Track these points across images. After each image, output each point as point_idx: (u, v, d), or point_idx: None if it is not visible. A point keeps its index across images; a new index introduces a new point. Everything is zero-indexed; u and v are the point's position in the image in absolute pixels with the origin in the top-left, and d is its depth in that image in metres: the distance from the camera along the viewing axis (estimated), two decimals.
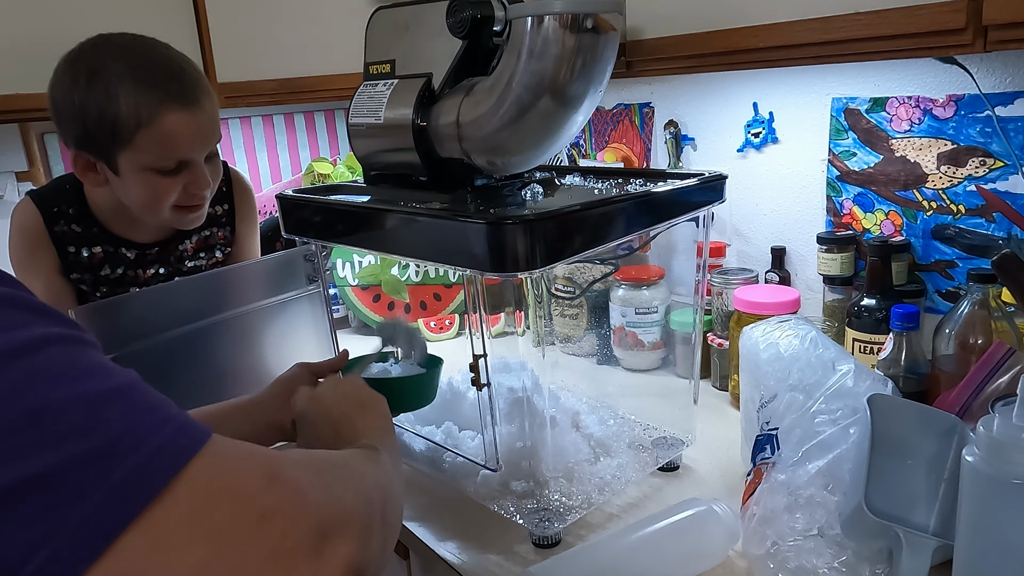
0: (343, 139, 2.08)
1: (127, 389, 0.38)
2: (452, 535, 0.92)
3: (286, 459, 0.44)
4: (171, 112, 1.01)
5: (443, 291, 1.66)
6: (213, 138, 1.09)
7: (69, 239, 1.17)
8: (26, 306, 0.38)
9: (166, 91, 1.01)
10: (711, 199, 0.94)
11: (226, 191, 1.29)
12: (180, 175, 1.07)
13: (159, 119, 1.00)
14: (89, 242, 1.18)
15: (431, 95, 0.90)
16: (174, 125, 1.02)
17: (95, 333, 0.96)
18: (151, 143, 1.01)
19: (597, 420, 1.04)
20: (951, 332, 0.91)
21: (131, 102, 0.99)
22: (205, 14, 1.44)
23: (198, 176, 1.08)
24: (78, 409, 0.36)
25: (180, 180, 1.07)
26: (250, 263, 1.28)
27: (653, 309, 1.27)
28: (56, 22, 1.13)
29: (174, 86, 1.02)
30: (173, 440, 0.38)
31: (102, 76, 0.99)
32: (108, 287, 1.21)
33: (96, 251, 1.19)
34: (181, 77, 1.03)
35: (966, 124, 1.05)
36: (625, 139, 1.54)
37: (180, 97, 1.02)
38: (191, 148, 1.05)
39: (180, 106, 1.02)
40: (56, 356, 0.37)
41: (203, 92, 1.06)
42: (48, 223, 1.16)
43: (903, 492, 0.76)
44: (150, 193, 1.07)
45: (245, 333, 1.15)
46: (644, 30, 0.98)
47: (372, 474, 0.55)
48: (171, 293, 1.12)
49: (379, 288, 1.65)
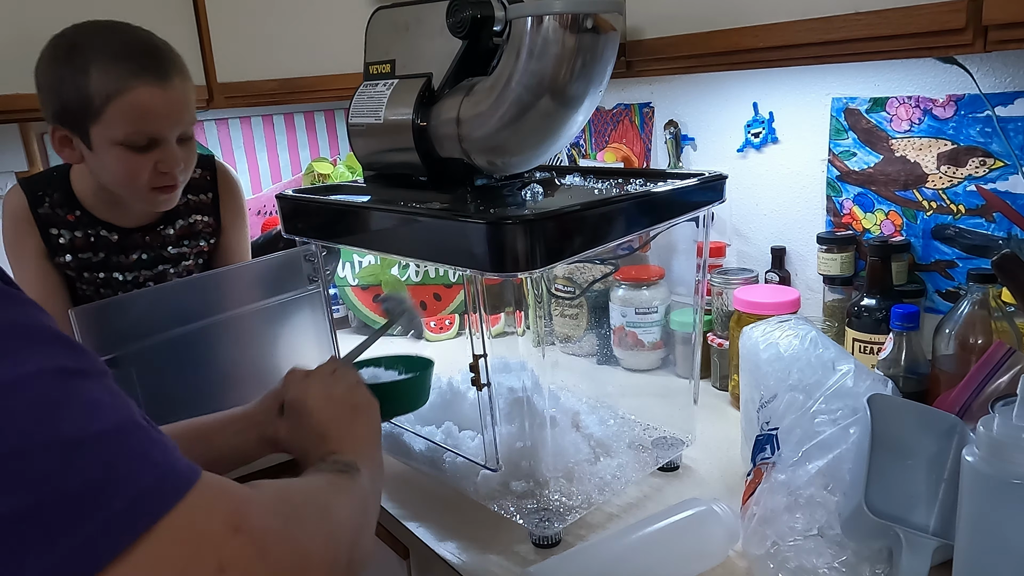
0: (343, 139, 2.08)
1: (114, 432, 0.38)
2: (452, 535, 0.92)
3: (256, 506, 0.44)
4: (141, 85, 1.03)
5: (443, 291, 1.66)
6: (184, 117, 1.10)
7: (52, 221, 1.20)
8: (26, 334, 0.38)
9: (138, 64, 1.03)
10: (711, 199, 0.94)
11: (210, 179, 1.31)
12: (151, 152, 1.08)
13: (129, 92, 1.02)
14: (72, 225, 1.21)
15: (431, 95, 0.90)
16: (143, 98, 1.03)
17: (95, 333, 0.96)
18: (121, 116, 1.03)
19: (597, 420, 1.04)
20: (951, 332, 0.91)
21: (102, 75, 1.01)
22: (205, 14, 1.44)
23: (168, 154, 1.09)
24: (57, 453, 0.35)
25: (151, 157, 1.09)
26: (250, 263, 1.28)
27: (653, 309, 1.27)
28: (57, 22, 1.13)
29: (146, 60, 1.04)
30: (149, 491, 0.38)
31: (79, 51, 1.03)
32: (91, 271, 1.23)
33: (78, 235, 1.21)
34: (155, 54, 1.06)
35: (966, 124, 1.05)
36: (625, 139, 1.54)
37: (151, 71, 1.04)
38: (160, 124, 1.07)
39: (150, 80, 1.03)
40: (45, 393, 0.36)
41: (176, 71, 1.08)
42: (32, 206, 1.19)
43: (903, 492, 0.76)
44: (122, 169, 1.09)
45: (245, 333, 1.15)
46: (644, 30, 0.98)
47: (345, 511, 0.55)
48: (171, 293, 1.12)
49: (379, 288, 1.65)
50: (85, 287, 1.25)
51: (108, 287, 1.26)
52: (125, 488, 0.37)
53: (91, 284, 1.25)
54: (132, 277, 1.26)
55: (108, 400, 0.39)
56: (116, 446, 0.38)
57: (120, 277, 1.25)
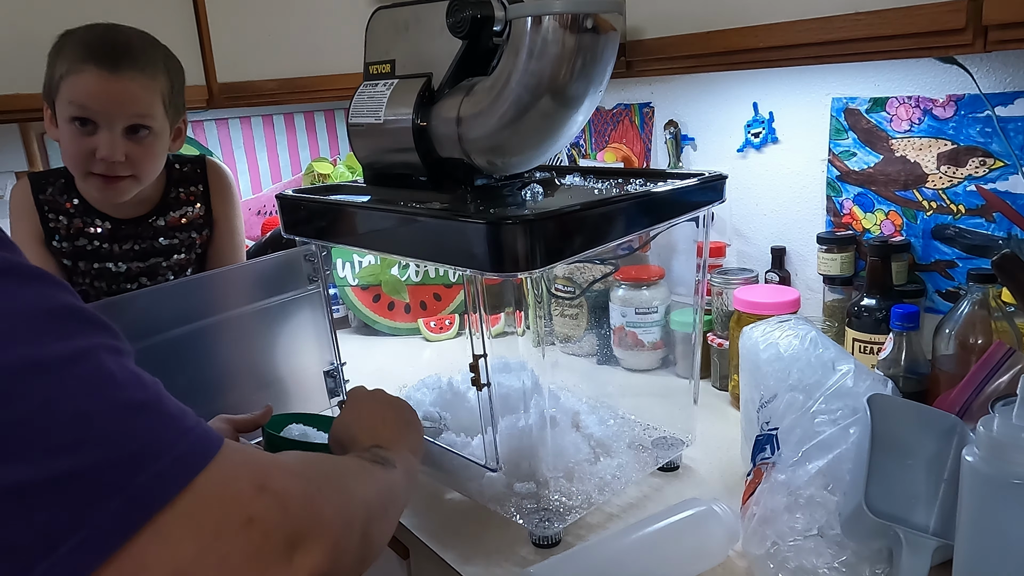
0: (343, 139, 2.08)
1: (155, 400, 0.43)
2: (452, 535, 0.92)
3: (280, 467, 0.48)
4: (87, 68, 1.09)
5: (443, 291, 1.66)
6: (128, 108, 1.13)
7: (51, 207, 1.26)
8: (81, 317, 0.43)
9: (93, 52, 1.10)
10: (711, 199, 0.94)
11: (200, 172, 1.35)
12: (95, 136, 1.12)
13: (76, 73, 1.10)
14: (69, 213, 1.26)
15: (431, 95, 0.90)
16: (87, 80, 1.09)
17: None
18: (68, 93, 1.11)
19: (597, 420, 1.04)
20: (951, 332, 0.91)
21: (66, 56, 1.11)
22: (205, 14, 1.44)
23: (103, 141, 1.13)
24: (115, 417, 0.40)
25: (92, 141, 1.13)
26: (250, 263, 1.28)
27: (653, 309, 1.27)
28: (57, 22, 1.13)
29: (104, 50, 1.10)
30: (190, 451, 0.42)
31: (68, 36, 1.13)
32: (85, 260, 1.28)
33: (75, 221, 1.26)
34: (116, 47, 1.11)
35: (966, 124, 1.05)
36: (625, 139, 1.54)
37: (103, 59, 1.10)
38: (100, 108, 1.11)
39: (98, 65, 1.09)
40: (102, 365, 0.41)
41: (133, 67, 1.12)
42: (35, 192, 1.26)
43: (903, 492, 0.76)
44: (68, 147, 1.15)
45: (245, 333, 1.15)
46: (644, 30, 0.98)
47: (364, 490, 0.56)
48: (171, 293, 1.12)
49: (379, 288, 1.65)
50: (80, 279, 1.29)
51: (101, 279, 1.29)
52: (168, 450, 0.41)
53: (86, 275, 1.28)
54: (124, 268, 1.29)
55: (143, 374, 0.44)
56: (158, 414, 0.42)
57: (112, 267, 1.29)
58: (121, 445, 0.40)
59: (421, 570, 1.00)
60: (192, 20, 1.44)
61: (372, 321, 1.66)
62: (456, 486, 0.98)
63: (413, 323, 1.64)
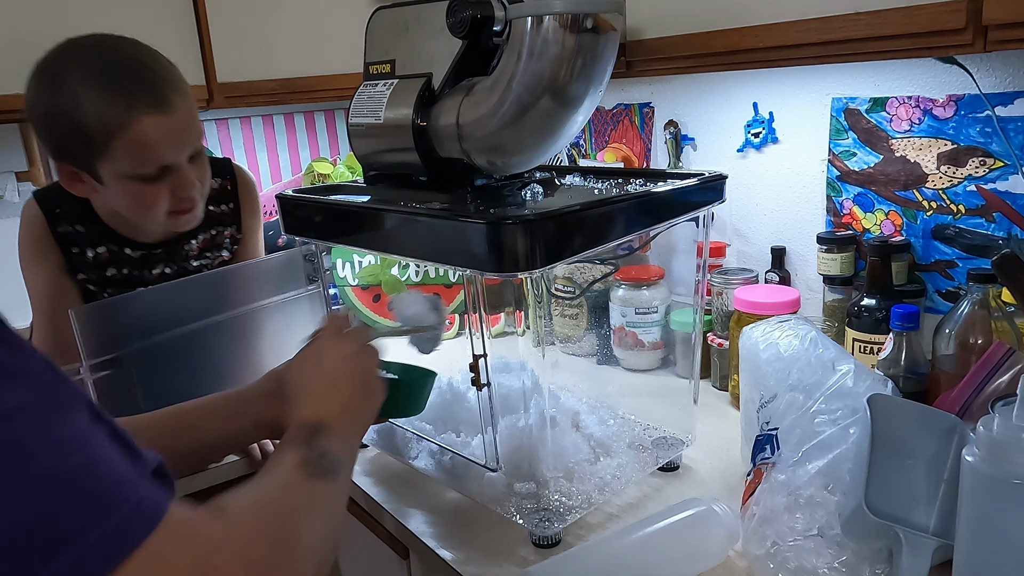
0: (343, 139, 2.08)
1: (83, 469, 0.37)
2: (452, 535, 0.92)
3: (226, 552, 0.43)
4: (141, 117, 0.96)
5: (443, 291, 1.66)
6: (192, 137, 1.05)
7: (73, 239, 1.15)
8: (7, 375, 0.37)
9: (133, 95, 0.96)
10: (711, 199, 0.94)
11: (231, 189, 1.28)
12: (165, 180, 1.03)
13: (130, 126, 0.96)
14: (94, 242, 1.16)
15: (431, 95, 0.90)
16: (147, 130, 0.97)
17: (95, 333, 0.96)
18: (127, 152, 0.98)
19: (597, 420, 1.04)
20: (951, 332, 0.91)
21: (97, 110, 0.95)
22: (205, 14, 1.44)
23: (183, 179, 1.04)
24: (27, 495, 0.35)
25: (165, 186, 1.04)
26: (250, 263, 1.28)
27: (653, 309, 1.27)
28: (56, 22, 1.13)
29: (141, 89, 0.97)
30: (116, 533, 0.37)
31: (66, 83, 0.96)
32: (115, 288, 1.20)
33: (101, 251, 1.17)
34: (147, 77, 0.98)
35: (966, 124, 1.05)
36: (625, 139, 1.54)
37: (148, 100, 0.97)
38: (169, 152, 1.01)
39: (150, 110, 0.97)
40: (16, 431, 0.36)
41: (172, 89, 1.00)
42: (51, 224, 1.14)
43: (903, 492, 0.76)
44: (137, 202, 1.04)
45: (245, 333, 1.15)
46: (644, 30, 0.98)
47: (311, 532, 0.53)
48: (171, 293, 1.12)
49: (379, 288, 1.65)
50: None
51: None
52: (88, 532, 0.36)
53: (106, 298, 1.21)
54: None
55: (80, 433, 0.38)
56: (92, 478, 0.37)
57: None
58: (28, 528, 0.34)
59: (421, 570, 1.00)
60: (192, 20, 1.44)
61: (372, 321, 1.66)
62: (456, 486, 0.98)
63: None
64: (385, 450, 1.09)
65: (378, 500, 1.02)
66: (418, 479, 1.04)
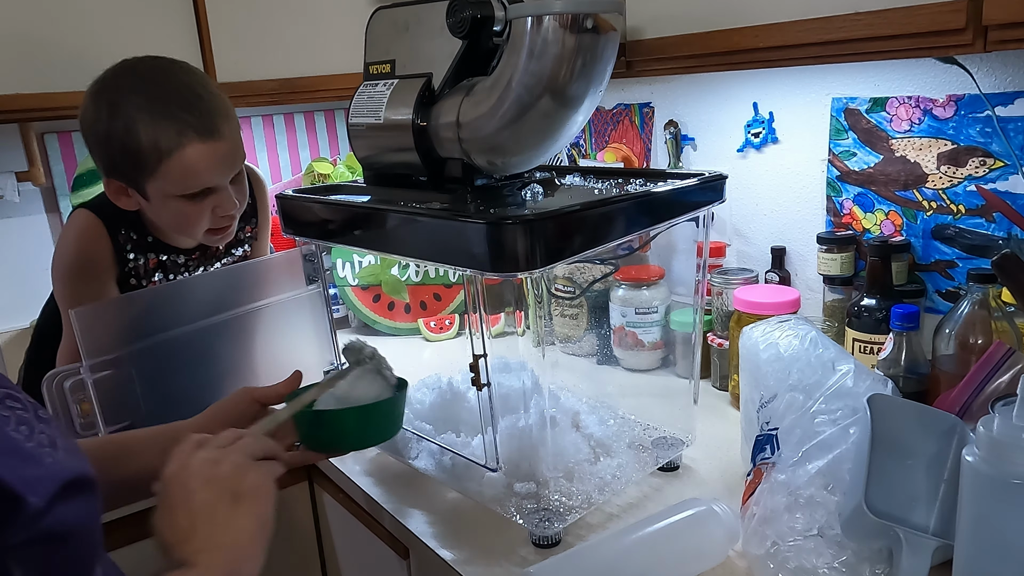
0: (343, 139, 2.08)
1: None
2: (452, 535, 0.92)
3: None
4: (191, 144, 1.02)
5: (443, 291, 1.66)
6: (236, 162, 1.10)
7: (129, 245, 1.18)
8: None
9: (185, 122, 1.02)
10: (711, 199, 0.94)
11: (249, 187, 1.29)
12: (207, 199, 1.09)
13: (180, 152, 1.02)
14: (145, 249, 1.20)
15: (431, 95, 0.90)
16: (195, 157, 1.03)
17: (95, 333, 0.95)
18: (174, 174, 1.03)
19: (597, 420, 1.04)
20: (951, 332, 0.91)
21: (150, 135, 1.01)
22: (205, 14, 1.44)
23: (225, 200, 1.10)
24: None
25: (208, 204, 1.09)
26: (250, 263, 1.28)
27: (653, 309, 1.27)
28: (56, 22, 1.13)
29: (192, 117, 1.02)
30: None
31: (122, 108, 1.01)
32: None
33: (151, 257, 1.21)
34: (198, 106, 1.04)
35: (966, 124, 1.05)
36: (625, 139, 1.54)
37: (199, 128, 1.03)
38: (215, 176, 1.07)
39: (200, 137, 1.03)
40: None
41: (222, 119, 1.06)
42: (111, 230, 1.16)
43: (903, 492, 0.76)
44: (180, 219, 1.10)
45: (245, 333, 1.15)
46: (644, 30, 0.98)
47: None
48: (171, 293, 1.12)
49: (379, 288, 1.65)
50: None
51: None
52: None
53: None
54: None
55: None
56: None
57: None
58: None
59: (421, 570, 1.00)
60: (192, 20, 1.44)
61: (372, 321, 1.66)
62: (456, 486, 0.98)
63: (413, 323, 1.64)
64: (385, 450, 1.09)
65: (378, 500, 1.02)
66: (418, 479, 1.04)
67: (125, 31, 1.12)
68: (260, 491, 0.65)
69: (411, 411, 1.07)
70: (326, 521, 1.30)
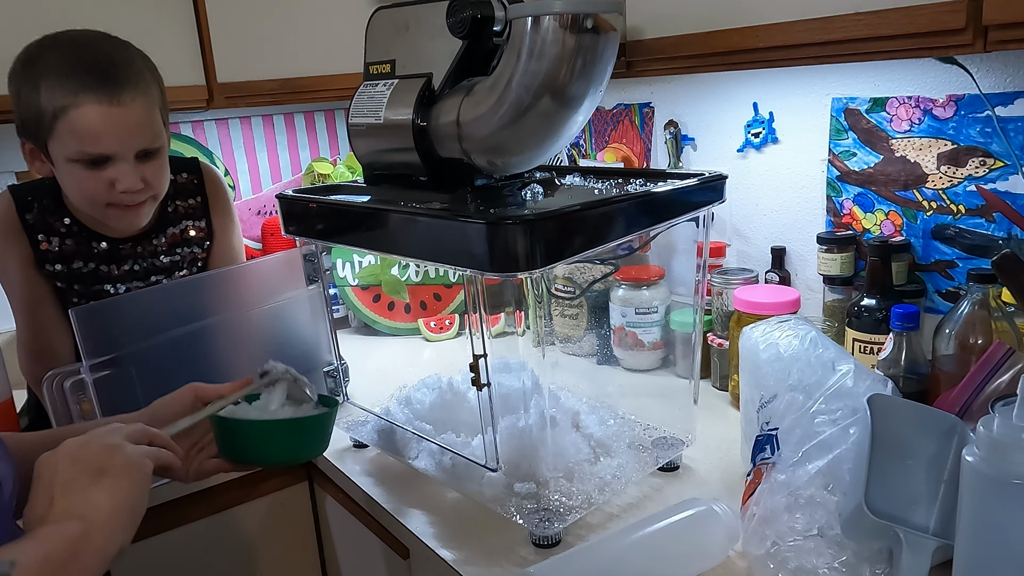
0: (343, 139, 2.08)
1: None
2: (452, 535, 0.92)
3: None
4: (86, 104, 1.00)
5: (443, 291, 1.66)
6: (139, 136, 1.06)
7: (40, 228, 1.18)
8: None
9: (85, 84, 1.00)
10: (711, 199, 0.94)
11: (197, 183, 1.30)
12: (106, 169, 1.06)
13: (76, 110, 1.00)
14: (61, 233, 1.18)
15: (431, 95, 0.90)
16: (90, 117, 1.01)
17: (95, 333, 0.95)
18: (68, 134, 1.02)
19: (597, 420, 1.04)
20: (951, 332, 0.91)
21: (51, 91, 1.00)
22: (205, 14, 1.44)
23: (123, 173, 1.06)
24: None
25: (106, 175, 1.06)
26: (250, 263, 1.28)
27: (653, 309, 1.27)
28: (56, 22, 1.13)
29: (94, 80, 1.01)
30: None
31: (33, 64, 1.03)
32: (82, 283, 1.21)
33: (68, 243, 1.19)
34: (108, 72, 1.02)
35: (966, 124, 1.05)
36: (625, 139, 1.54)
37: (98, 89, 1.01)
38: (111, 143, 1.04)
39: (96, 98, 1.01)
40: None
41: (131, 87, 1.04)
42: (20, 211, 1.17)
43: (903, 492, 0.76)
44: (78, 186, 1.08)
45: (245, 333, 1.15)
46: (644, 30, 0.98)
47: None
48: (171, 293, 1.12)
49: (379, 288, 1.65)
50: (77, 300, 1.22)
51: (99, 300, 1.22)
52: None
53: (83, 297, 1.22)
54: (124, 289, 1.24)
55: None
56: None
57: (111, 289, 1.23)
58: None
59: (421, 570, 1.00)
60: (192, 20, 1.44)
61: (372, 321, 1.66)
62: (456, 486, 0.98)
63: (413, 323, 1.64)
64: (385, 450, 1.09)
65: (378, 500, 1.02)
66: (418, 479, 1.04)
67: (125, 31, 1.12)
68: (128, 470, 0.63)
69: (411, 411, 1.07)
70: (326, 521, 1.30)
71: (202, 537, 1.21)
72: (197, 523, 1.21)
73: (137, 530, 0.63)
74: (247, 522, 1.26)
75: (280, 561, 1.30)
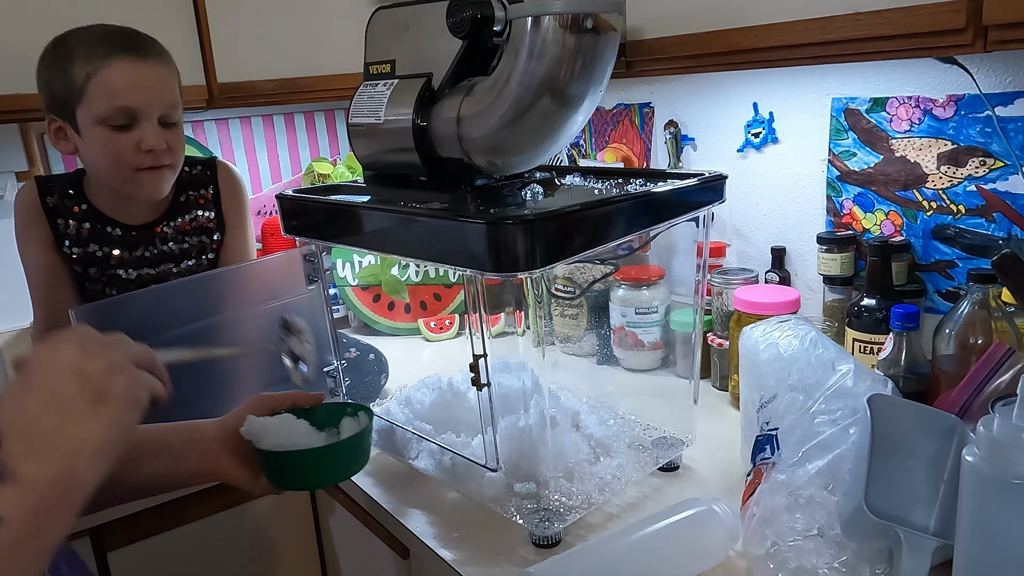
0: (343, 139, 2.08)
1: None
2: (452, 535, 0.92)
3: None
4: (116, 61, 1.09)
5: (443, 291, 1.66)
6: (163, 97, 1.14)
7: (59, 211, 1.25)
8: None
9: (114, 44, 1.10)
10: (711, 199, 0.94)
11: (210, 175, 1.34)
12: (132, 131, 1.13)
13: (105, 67, 1.09)
14: (79, 217, 1.25)
15: (431, 95, 0.90)
16: (119, 72, 1.09)
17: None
18: (100, 92, 1.09)
19: (597, 420, 1.04)
20: (951, 332, 0.91)
21: (82, 59, 1.09)
22: (205, 14, 1.44)
23: (148, 133, 1.13)
24: None
25: (132, 136, 1.13)
26: (250, 263, 1.28)
27: (653, 309, 1.27)
28: (57, 22, 1.13)
29: (123, 41, 1.11)
30: None
31: (64, 44, 1.11)
32: (96, 267, 1.27)
33: (85, 226, 1.25)
34: (133, 37, 1.13)
35: (966, 124, 1.05)
36: (625, 139, 1.54)
37: (127, 49, 1.10)
38: (138, 98, 1.11)
39: (126, 56, 1.10)
40: None
41: (154, 53, 1.14)
42: (42, 195, 1.24)
43: (903, 492, 0.76)
44: (106, 149, 1.13)
45: (245, 333, 1.15)
46: (644, 30, 0.98)
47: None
48: (171, 293, 1.12)
49: (379, 288, 1.65)
50: (91, 285, 1.28)
51: (113, 285, 1.28)
52: None
53: (97, 282, 1.28)
54: (135, 275, 1.28)
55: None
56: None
57: (123, 274, 1.28)
58: None
59: (421, 570, 1.00)
60: (192, 20, 1.44)
61: (372, 321, 1.66)
62: (456, 486, 0.98)
63: (413, 323, 1.64)
64: (385, 450, 1.09)
65: (378, 500, 1.02)
66: (418, 479, 1.04)
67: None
68: (127, 398, 0.58)
69: (411, 411, 1.07)
70: (326, 521, 1.30)
71: (202, 537, 1.22)
72: (197, 523, 1.21)
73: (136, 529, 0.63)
74: (247, 522, 1.26)
75: (280, 561, 1.30)
